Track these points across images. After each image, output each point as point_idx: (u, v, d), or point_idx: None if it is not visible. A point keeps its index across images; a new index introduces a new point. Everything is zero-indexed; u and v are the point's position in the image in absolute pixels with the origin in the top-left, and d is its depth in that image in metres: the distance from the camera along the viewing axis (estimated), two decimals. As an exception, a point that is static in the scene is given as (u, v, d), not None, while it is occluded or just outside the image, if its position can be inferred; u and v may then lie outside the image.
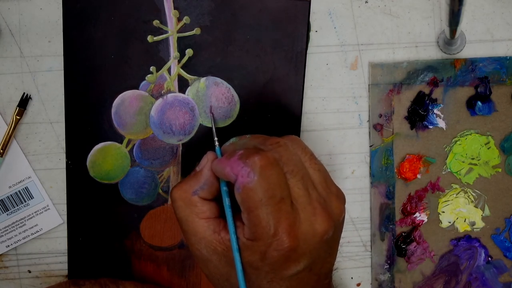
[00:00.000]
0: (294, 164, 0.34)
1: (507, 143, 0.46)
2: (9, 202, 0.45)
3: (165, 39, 0.44)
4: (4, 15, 0.44)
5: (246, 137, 0.37)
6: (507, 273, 0.48)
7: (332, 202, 0.35)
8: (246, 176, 0.32)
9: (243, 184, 0.32)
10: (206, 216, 0.36)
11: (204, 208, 0.36)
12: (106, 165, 0.45)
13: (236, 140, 0.37)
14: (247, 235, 0.34)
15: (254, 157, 0.33)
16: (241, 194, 0.33)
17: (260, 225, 0.32)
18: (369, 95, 0.46)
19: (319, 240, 0.34)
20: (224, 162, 0.34)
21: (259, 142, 0.35)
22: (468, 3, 0.45)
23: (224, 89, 0.44)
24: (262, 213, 0.32)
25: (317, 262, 0.35)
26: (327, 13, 0.45)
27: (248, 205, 0.33)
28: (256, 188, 0.32)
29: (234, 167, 0.33)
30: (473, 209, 0.47)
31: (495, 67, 0.45)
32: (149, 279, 0.46)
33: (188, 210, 0.36)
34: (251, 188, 0.32)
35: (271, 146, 0.34)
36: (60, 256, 0.46)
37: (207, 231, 0.35)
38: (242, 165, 0.33)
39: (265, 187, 0.32)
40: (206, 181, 0.36)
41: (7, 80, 0.45)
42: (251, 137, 0.37)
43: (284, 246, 0.32)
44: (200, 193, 0.36)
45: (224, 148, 0.38)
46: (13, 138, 0.45)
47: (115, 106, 0.44)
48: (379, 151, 0.46)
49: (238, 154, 0.34)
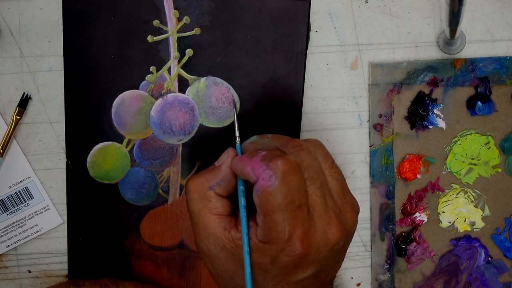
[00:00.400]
0: (314, 170, 0.34)
1: (507, 143, 0.46)
2: (9, 202, 0.45)
3: (165, 39, 0.44)
4: (4, 15, 0.44)
5: (267, 136, 0.36)
6: (507, 273, 0.48)
7: (347, 213, 0.35)
8: (267, 180, 0.32)
9: (263, 187, 0.32)
10: (219, 213, 0.35)
11: (218, 204, 0.35)
12: (106, 165, 0.45)
13: (257, 139, 0.37)
14: (260, 237, 0.33)
15: (277, 160, 0.32)
16: (259, 197, 0.32)
17: (275, 229, 0.32)
18: (369, 95, 0.46)
19: (330, 249, 0.34)
20: (245, 161, 0.34)
21: (281, 143, 0.35)
22: (468, 3, 0.45)
23: (224, 89, 0.44)
24: (278, 218, 0.32)
25: (324, 270, 0.35)
26: (327, 13, 0.45)
27: (265, 209, 0.32)
28: (276, 192, 0.32)
29: (255, 168, 0.33)
30: (473, 209, 0.47)
31: (495, 67, 0.45)
32: (149, 279, 0.46)
33: (202, 204, 0.35)
34: (270, 192, 0.32)
35: (293, 149, 0.34)
36: (60, 256, 0.46)
37: (218, 227, 0.35)
38: (264, 167, 0.32)
39: (285, 192, 0.32)
40: (224, 177, 0.36)
41: (7, 80, 0.45)
42: (273, 137, 0.36)
43: (296, 252, 0.32)
44: (216, 189, 0.36)
45: (245, 146, 0.37)
46: (13, 138, 0.45)
47: (115, 106, 0.44)
48: (379, 151, 0.46)
49: (261, 155, 0.33)
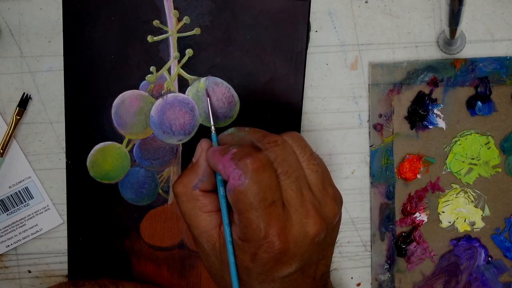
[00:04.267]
0: (289, 165, 0.33)
1: (507, 143, 0.46)
2: (9, 202, 0.45)
3: (165, 39, 0.44)
4: (4, 15, 0.44)
5: (245, 129, 0.36)
6: (507, 273, 0.48)
7: (327, 205, 0.34)
8: (237, 179, 0.32)
9: (234, 186, 0.32)
10: (209, 210, 0.36)
11: (205, 201, 0.36)
12: (106, 165, 0.45)
13: (235, 131, 0.37)
14: (238, 235, 0.34)
15: (246, 159, 0.32)
16: (232, 196, 0.32)
17: (250, 227, 0.32)
18: (369, 95, 0.46)
19: (310, 242, 0.33)
20: (217, 158, 0.34)
21: (257, 138, 0.35)
22: (468, 3, 0.45)
23: (224, 89, 0.44)
24: (252, 216, 0.32)
25: (310, 264, 0.34)
26: (327, 13, 0.45)
27: (238, 207, 0.32)
28: (247, 191, 0.32)
29: (226, 166, 0.33)
30: (473, 209, 0.47)
31: (495, 67, 0.45)
32: (149, 279, 0.46)
33: (191, 204, 0.36)
34: (241, 191, 0.32)
35: (268, 144, 0.34)
36: (60, 256, 0.46)
37: (209, 225, 0.35)
38: (234, 167, 0.32)
39: (256, 190, 0.32)
40: (204, 172, 0.36)
41: (7, 80, 0.45)
42: (250, 131, 0.36)
43: (274, 248, 0.32)
44: (200, 186, 0.36)
45: (222, 137, 0.37)
46: (13, 138, 0.45)
47: (115, 106, 0.44)
48: (379, 151, 0.46)
49: (231, 153, 0.33)
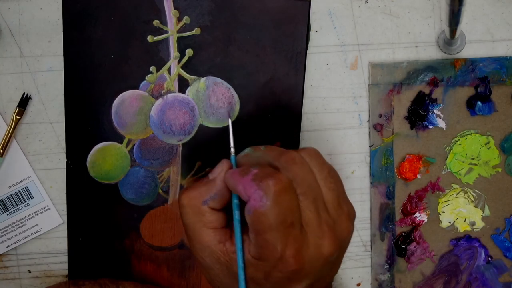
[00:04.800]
0: (308, 185, 0.33)
1: (507, 143, 0.46)
2: (9, 202, 0.45)
3: (165, 39, 0.44)
4: (4, 15, 0.44)
5: (260, 149, 0.36)
6: (507, 273, 0.48)
7: (342, 223, 0.35)
8: (258, 200, 0.32)
9: (254, 207, 0.32)
10: (213, 226, 0.35)
11: (212, 218, 0.35)
12: (106, 165, 0.45)
13: (251, 152, 0.36)
14: (253, 253, 0.33)
15: (268, 180, 0.32)
16: (251, 217, 0.32)
17: (267, 248, 0.32)
18: (369, 95, 0.46)
19: (324, 262, 0.34)
20: (237, 178, 0.33)
21: (273, 157, 0.34)
22: (468, 3, 0.45)
23: (224, 89, 0.44)
24: (270, 237, 0.32)
25: (319, 280, 0.35)
26: (327, 13, 0.45)
27: (257, 228, 0.32)
28: (268, 213, 0.32)
29: (247, 187, 0.32)
30: (473, 209, 0.47)
31: (495, 67, 0.45)
32: (149, 279, 0.46)
33: (196, 218, 0.35)
34: (262, 213, 0.32)
35: (286, 164, 0.33)
36: (60, 256, 0.46)
37: (213, 240, 0.35)
38: (256, 187, 0.32)
39: (277, 212, 0.32)
40: (218, 192, 0.35)
41: (7, 80, 0.45)
42: (266, 150, 0.35)
43: (289, 269, 0.32)
44: (210, 203, 0.35)
45: (238, 159, 0.37)
46: (13, 138, 0.45)
47: (115, 106, 0.44)
48: (379, 151, 0.46)
49: (252, 174, 0.33)
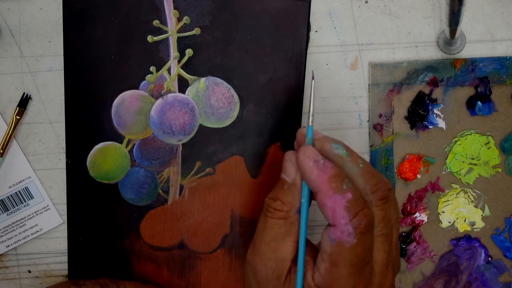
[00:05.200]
0: (390, 227, 0.34)
1: (507, 143, 0.46)
2: (9, 202, 0.45)
3: (165, 39, 0.44)
4: (4, 15, 0.44)
5: (358, 163, 0.34)
6: (507, 273, 0.48)
7: (398, 262, 0.36)
8: (346, 235, 0.31)
9: (340, 239, 0.32)
10: (295, 239, 0.35)
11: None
12: (106, 165, 0.45)
13: (347, 157, 0.34)
14: (318, 282, 0.33)
15: (361, 219, 0.32)
16: (333, 247, 0.32)
17: (338, 281, 0.32)
18: (369, 95, 0.46)
19: None
20: (327, 190, 0.32)
21: (371, 186, 0.33)
22: (468, 3, 0.45)
23: (224, 89, 0.44)
24: (346, 273, 0.32)
25: None
26: (327, 13, 0.45)
27: (335, 259, 0.32)
28: (352, 250, 0.32)
29: (337, 213, 0.32)
30: (473, 209, 0.47)
31: (495, 67, 0.45)
32: (149, 279, 0.46)
33: (285, 228, 0.34)
34: (346, 248, 0.32)
35: (380, 201, 0.33)
36: (60, 256, 0.46)
37: (289, 254, 0.34)
38: (347, 221, 0.32)
39: (360, 252, 0.32)
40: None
41: (7, 80, 0.45)
42: (364, 170, 0.34)
43: None
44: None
45: (328, 151, 0.34)
46: (13, 138, 0.45)
47: (115, 106, 0.44)
48: (379, 151, 0.46)
49: (347, 200, 0.32)
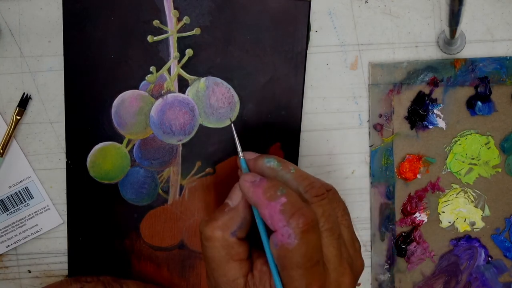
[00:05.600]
0: (333, 221, 0.33)
1: (507, 143, 0.46)
2: (9, 202, 0.45)
3: (165, 39, 0.44)
4: (4, 15, 0.44)
5: (290, 169, 0.35)
6: (507, 273, 0.48)
7: (357, 260, 0.35)
8: (286, 237, 0.31)
9: (281, 242, 0.32)
10: (240, 258, 0.35)
11: (240, 250, 0.34)
12: (106, 165, 0.45)
13: (278, 167, 0.35)
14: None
15: (298, 219, 0.31)
16: (277, 251, 0.32)
17: (291, 284, 0.32)
18: (369, 95, 0.46)
19: None
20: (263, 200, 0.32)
21: (304, 187, 0.34)
22: (468, 3, 0.45)
23: (224, 89, 0.44)
24: (296, 274, 0.32)
25: None
26: (327, 13, 0.45)
27: (283, 263, 0.32)
28: (295, 251, 0.31)
29: (274, 218, 0.32)
30: (473, 209, 0.47)
31: (495, 67, 0.45)
32: (149, 279, 0.46)
33: (224, 252, 0.34)
34: (289, 250, 0.31)
35: (315, 198, 0.33)
36: (60, 256, 0.46)
37: (238, 273, 0.34)
38: (284, 223, 0.31)
39: (304, 251, 0.31)
40: (244, 220, 0.35)
41: (7, 80, 0.45)
42: (296, 174, 0.34)
43: None
44: (238, 234, 0.35)
45: (261, 167, 0.35)
46: (13, 138, 0.45)
47: (115, 106, 0.44)
48: (379, 151, 0.46)
49: (281, 204, 0.32)
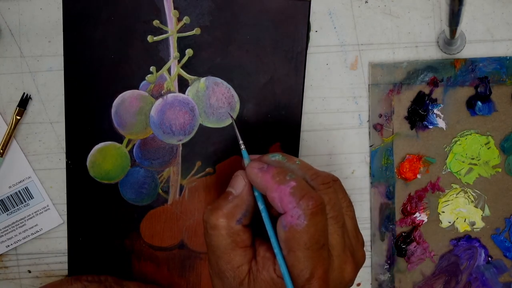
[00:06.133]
0: (338, 210, 0.34)
1: (507, 143, 0.46)
2: (9, 202, 0.45)
3: (165, 39, 0.44)
4: (4, 15, 0.44)
5: (295, 161, 0.35)
6: (507, 273, 0.48)
7: (359, 251, 0.36)
8: (296, 218, 0.32)
9: (291, 224, 0.32)
10: (245, 245, 0.35)
11: (244, 237, 0.35)
12: (106, 165, 0.45)
13: (283, 160, 0.36)
14: (279, 273, 0.33)
15: (308, 201, 0.32)
16: (286, 233, 0.32)
17: (297, 266, 0.32)
18: (369, 95, 0.46)
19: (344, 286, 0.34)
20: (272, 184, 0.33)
21: (310, 176, 0.34)
22: (468, 3, 0.45)
23: (224, 89, 0.44)
24: (303, 256, 0.32)
25: None
26: (327, 13, 0.45)
27: (290, 245, 0.32)
28: (304, 232, 0.32)
29: (284, 200, 0.32)
30: (473, 209, 0.47)
31: (495, 67, 0.45)
32: (149, 279, 0.46)
33: (230, 239, 0.34)
34: (298, 231, 0.32)
35: (322, 186, 0.34)
36: (60, 256, 0.46)
37: (242, 260, 0.34)
38: (294, 204, 0.32)
39: (312, 233, 0.32)
40: (248, 207, 0.35)
41: (7, 80, 0.45)
42: (301, 165, 0.35)
43: None
44: (243, 221, 0.35)
45: (266, 160, 0.36)
46: (13, 138, 0.45)
47: (115, 106, 0.44)
48: (379, 151, 0.46)
49: (291, 187, 0.32)
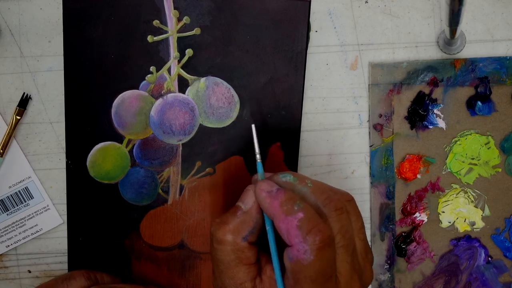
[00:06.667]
0: (349, 237, 0.34)
1: (507, 143, 0.46)
2: (9, 202, 0.45)
3: (165, 39, 0.44)
4: (4, 15, 0.44)
5: (307, 183, 0.35)
6: (507, 273, 0.48)
7: (367, 271, 0.36)
8: (302, 253, 0.32)
9: (297, 258, 0.32)
10: (249, 262, 0.35)
11: (249, 254, 0.35)
12: (106, 165, 0.45)
13: (295, 181, 0.35)
14: None
15: (315, 236, 0.32)
16: (292, 265, 0.32)
17: None
18: (369, 95, 0.46)
19: None
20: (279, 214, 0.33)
21: (322, 201, 0.34)
22: (468, 3, 0.45)
23: (224, 89, 0.44)
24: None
25: None
26: (327, 13, 0.45)
27: (296, 277, 0.32)
28: (310, 266, 0.32)
29: (290, 233, 0.32)
30: (473, 209, 0.47)
31: (495, 67, 0.45)
32: (149, 279, 0.46)
33: (234, 255, 0.34)
34: (304, 265, 0.32)
35: (334, 212, 0.33)
36: (60, 256, 0.46)
37: (246, 277, 0.34)
38: (301, 239, 0.32)
39: (318, 267, 0.32)
40: (256, 224, 0.35)
41: (7, 80, 0.45)
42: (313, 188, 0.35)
43: None
44: (249, 238, 0.35)
45: (278, 181, 0.35)
46: (13, 138, 0.45)
47: (115, 106, 0.44)
48: (379, 151, 0.46)
49: (298, 219, 0.32)
